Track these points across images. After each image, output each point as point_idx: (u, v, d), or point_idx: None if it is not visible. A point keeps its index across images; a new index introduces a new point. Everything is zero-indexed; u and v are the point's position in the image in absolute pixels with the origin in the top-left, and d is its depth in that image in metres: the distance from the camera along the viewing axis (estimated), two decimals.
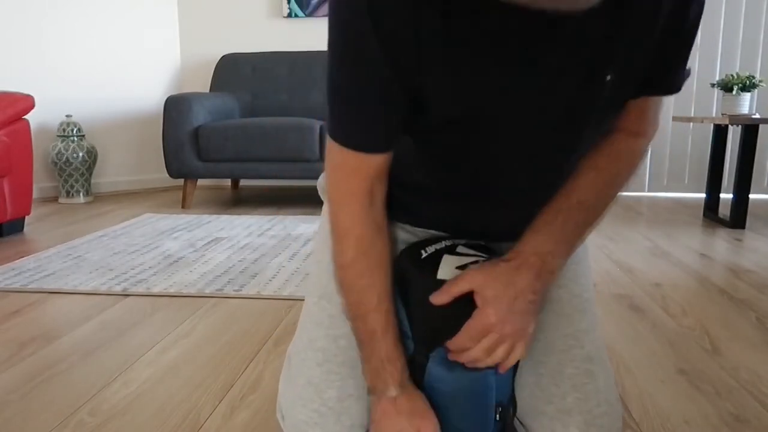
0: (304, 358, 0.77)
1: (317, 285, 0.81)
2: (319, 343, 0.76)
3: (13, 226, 2.63)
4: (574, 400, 0.72)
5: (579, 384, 0.72)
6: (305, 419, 0.73)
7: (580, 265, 0.81)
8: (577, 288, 0.78)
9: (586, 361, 0.73)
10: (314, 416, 0.73)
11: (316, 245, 0.87)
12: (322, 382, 0.74)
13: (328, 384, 0.74)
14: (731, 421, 1.07)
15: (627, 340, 1.44)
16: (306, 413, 0.73)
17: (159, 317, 1.60)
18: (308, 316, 0.80)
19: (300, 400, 0.74)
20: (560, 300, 0.76)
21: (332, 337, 0.76)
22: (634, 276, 2.00)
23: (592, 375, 0.73)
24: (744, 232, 2.71)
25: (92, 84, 3.76)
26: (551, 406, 0.72)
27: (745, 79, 2.77)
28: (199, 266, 2.09)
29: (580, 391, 0.72)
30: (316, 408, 0.73)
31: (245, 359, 1.33)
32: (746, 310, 1.67)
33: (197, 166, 3.19)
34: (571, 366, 0.73)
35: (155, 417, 1.08)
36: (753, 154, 2.71)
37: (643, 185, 3.93)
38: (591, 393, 0.72)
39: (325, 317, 0.77)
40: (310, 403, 0.73)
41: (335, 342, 0.75)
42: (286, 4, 3.91)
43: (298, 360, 0.78)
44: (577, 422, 0.71)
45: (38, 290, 1.83)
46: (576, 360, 0.73)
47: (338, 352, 0.75)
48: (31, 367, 1.29)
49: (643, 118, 0.72)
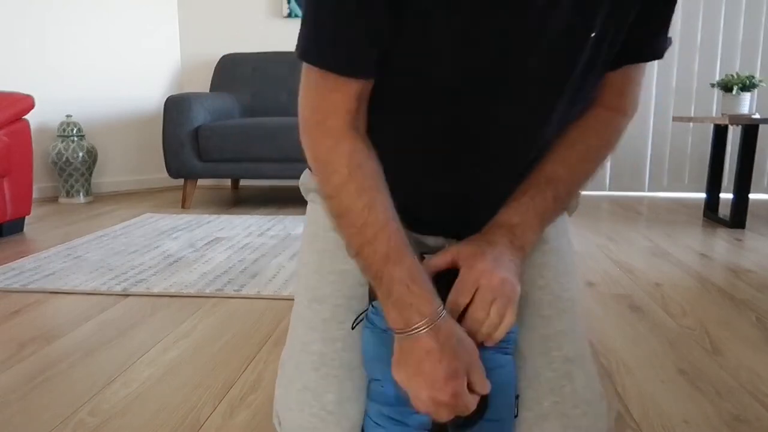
0: (299, 362, 0.75)
1: (306, 288, 0.79)
2: (314, 347, 0.75)
3: (13, 226, 2.63)
4: (550, 404, 0.70)
5: (556, 387, 0.71)
6: (304, 424, 0.72)
7: (561, 262, 0.78)
8: (557, 288, 0.76)
9: (565, 363, 0.72)
10: (314, 421, 0.71)
11: (301, 247, 0.86)
12: (319, 387, 0.72)
13: (326, 388, 0.72)
14: (731, 421, 1.07)
15: (627, 340, 1.44)
16: (305, 418, 0.72)
17: (159, 317, 1.60)
18: (300, 321, 0.78)
19: (297, 405, 0.73)
20: (540, 302, 0.74)
21: (327, 340, 0.74)
22: (634, 276, 2.00)
23: (570, 377, 0.72)
24: (744, 232, 2.71)
25: (92, 84, 3.76)
26: (530, 413, 0.70)
27: (745, 79, 2.77)
28: (199, 266, 2.09)
29: (556, 395, 0.70)
30: (315, 413, 0.72)
31: (245, 359, 1.33)
32: (746, 310, 1.67)
33: (197, 166, 3.18)
34: (549, 369, 0.72)
35: (155, 417, 1.08)
36: (753, 154, 2.71)
37: (643, 185, 3.93)
38: (568, 395, 0.71)
39: (318, 321, 0.76)
40: (309, 408, 0.72)
41: (331, 345, 0.74)
42: (286, 4, 3.91)
43: (293, 365, 0.76)
44: (554, 427, 0.69)
45: (38, 290, 1.83)
46: (554, 362, 0.72)
47: (335, 356, 0.73)
48: (31, 367, 1.29)
49: (622, 92, 0.71)
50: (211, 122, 3.21)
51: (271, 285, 1.87)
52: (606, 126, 0.73)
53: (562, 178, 0.70)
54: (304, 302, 0.79)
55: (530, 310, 0.74)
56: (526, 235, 0.68)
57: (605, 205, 3.45)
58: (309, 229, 0.84)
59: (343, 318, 0.75)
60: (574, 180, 0.72)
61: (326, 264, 0.78)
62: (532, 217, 0.69)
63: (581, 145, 0.72)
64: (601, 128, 0.72)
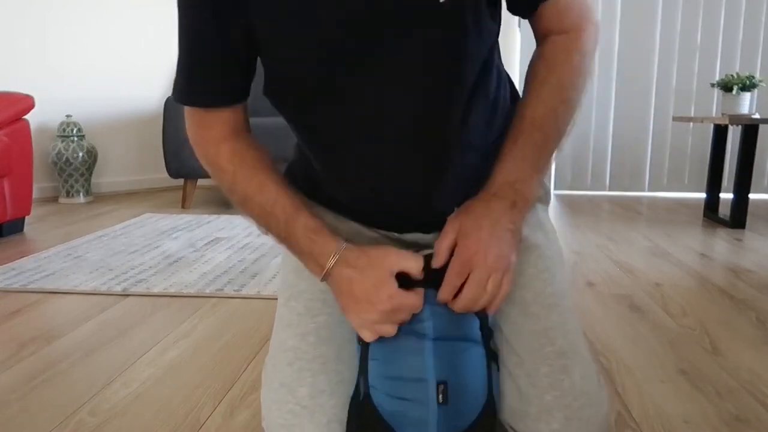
0: (276, 361, 0.76)
1: (285, 287, 0.80)
2: (289, 342, 0.75)
3: (13, 226, 2.63)
4: (552, 398, 0.71)
5: (555, 381, 0.71)
6: (281, 422, 0.72)
7: (540, 258, 0.77)
8: (539, 284, 0.75)
9: (560, 357, 0.73)
10: (289, 417, 0.71)
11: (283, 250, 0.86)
12: (293, 381, 0.72)
13: (299, 382, 0.72)
14: (731, 421, 1.07)
15: (627, 340, 1.44)
16: (281, 415, 0.72)
17: (159, 317, 1.60)
18: (279, 320, 0.79)
19: (275, 403, 0.73)
20: (524, 300, 0.74)
21: (300, 335, 0.74)
22: (634, 276, 2.00)
23: (566, 370, 0.72)
24: (744, 232, 2.71)
25: (92, 84, 3.76)
26: (532, 408, 0.71)
27: (745, 79, 2.77)
28: (199, 266, 2.09)
29: (557, 389, 0.71)
30: (291, 408, 0.71)
31: (245, 359, 1.33)
32: (746, 310, 1.67)
33: (197, 166, 3.14)
34: (545, 364, 0.72)
35: (155, 417, 1.08)
36: (753, 154, 2.71)
37: (643, 185, 3.93)
38: (567, 388, 0.71)
39: (294, 316, 0.76)
40: (285, 404, 0.72)
41: (303, 339, 0.74)
42: None
43: (270, 365, 0.77)
44: (558, 419, 0.70)
45: (38, 290, 1.83)
46: (549, 357, 0.72)
47: (308, 349, 0.73)
48: (31, 367, 1.29)
49: (562, 13, 0.69)
50: None
51: (271, 285, 1.87)
52: (567, 51, 0.71)
53: (545, 116, 0.70)
54: (282, 301, 0.80)
55: (516, 309, 0.74)
56: (527, 187, 0.69)
57: (605, 205, 3.45)
58: None
59: (317, 312, 0.75)
60: (559, 115, 0.71)
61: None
62: (528, 167, 0.70)
63: (552, 78, 0.71)
64: (563, 55, 0.71)
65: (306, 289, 0.77)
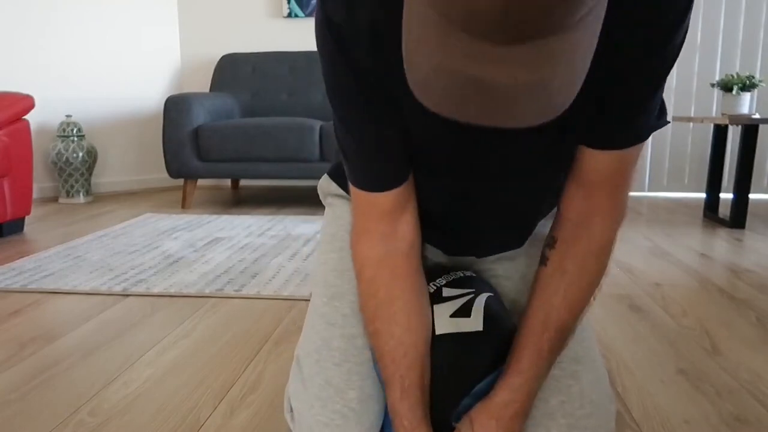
0: (319, 358, 0.75)
1: (325, 285, 0.80)
2: (335, 342, 0.75)
3: (13, 226, 2.63)
4: (557, 403, 0.71)
5: (563, 386, 0.71)
6: (325, 420, 0.72)
7: None
8: None
9: (572, 363, 0.73)
10: (335, 417, 0.72)
11: (321, 246, 0.87)
12: (342, 383, 0.73)
13: (348, 384, 0.72)
14: (731, 421, 1.07)
15: (627, 340, 1.44)
16: (327, 414, 0.72)
17: (159, 317, 1.60)
18: (319, 317, 0.79)
19: (319, 401, 0.73)
20: None
21: (348, 336, 0.75)
22: (634, 276, 2.00)
23: (576, 376, 0.72)
24: (744, 232, 2.71)
25: (92, 84, 3.76)
26: (536, 410, 0.71)
27: (745, 79, 2.77)
28: (199, 266, 2.09)
29: (564, 394, 0.71)
30: (338, 409, 0.72)
31: (245, 359, 1.33)
32: (746, 310, 1.67)
33: (197, 166, 3.19)
34: (557, 368, 0.72)
35: (155, 417, 1.08)
36: (753, 154, 2.71)
37: (643, 185, 3.93)
38: (575, 395, 0.71)
39: (339, 317, 0.76)
40: (331, 404, 0.72)
41: (351, 342, 0.75)
42: (286, 4, 3.91)
43: (312, 361, 0.76)
44: (560, 426, 0.70)
45: (38, 290, 1.83)
46: (562, 361, 0.72)
47: (356, 352, 0.74)
48: (31, 367, 1.29)
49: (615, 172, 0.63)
50: (211, 122, 3.21)
51: (271, 285, 1.87)
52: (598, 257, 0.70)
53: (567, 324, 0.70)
54: (323, 299, 0.79)
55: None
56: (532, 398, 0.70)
57: None
58: (327, 230, 0.86)
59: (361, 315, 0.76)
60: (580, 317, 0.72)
61: (345, 262, 0.79)
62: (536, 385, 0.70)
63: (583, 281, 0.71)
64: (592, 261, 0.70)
65: (350, 291, 0.77)
